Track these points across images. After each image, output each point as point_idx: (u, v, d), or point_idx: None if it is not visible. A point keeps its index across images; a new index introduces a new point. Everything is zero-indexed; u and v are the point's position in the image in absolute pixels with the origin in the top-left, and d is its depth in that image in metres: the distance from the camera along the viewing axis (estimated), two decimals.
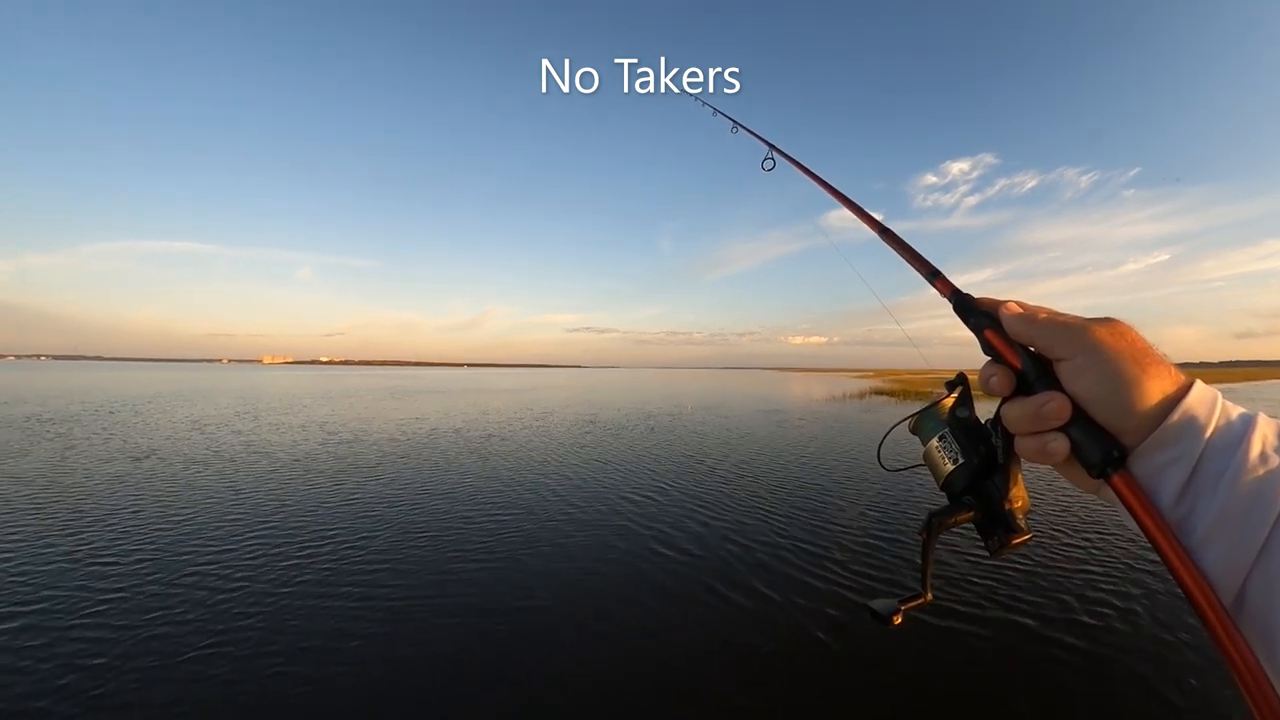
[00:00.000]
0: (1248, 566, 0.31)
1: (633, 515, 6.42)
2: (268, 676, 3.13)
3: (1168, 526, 0.33)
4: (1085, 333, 0.36)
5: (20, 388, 30.44)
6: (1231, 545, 0.32)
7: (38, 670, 3.15)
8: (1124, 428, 0.35)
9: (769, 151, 1.20)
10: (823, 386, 45.14)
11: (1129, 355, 0.35)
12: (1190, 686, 3.09)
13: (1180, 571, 0.32)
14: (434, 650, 3.47)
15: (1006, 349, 0.40)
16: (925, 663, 3.33)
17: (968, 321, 0.45)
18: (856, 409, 22.61)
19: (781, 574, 4.64)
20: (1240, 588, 0.32)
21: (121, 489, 7.40)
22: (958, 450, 0.48)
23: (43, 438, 11.83)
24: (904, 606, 0.48)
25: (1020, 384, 0.39)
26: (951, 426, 0.49)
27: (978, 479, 0.46)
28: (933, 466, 0.51)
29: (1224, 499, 0.32)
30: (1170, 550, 0.32)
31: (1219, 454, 0.33)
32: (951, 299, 0.48)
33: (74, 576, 4.41)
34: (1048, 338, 0.38)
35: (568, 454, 10.79)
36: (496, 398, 28.88)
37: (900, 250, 0.60)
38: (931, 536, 0.48)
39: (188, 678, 3.11)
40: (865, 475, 8.66)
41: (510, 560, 4.96)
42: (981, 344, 0.43)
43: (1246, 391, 35.36)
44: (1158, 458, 0.35)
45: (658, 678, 3.25)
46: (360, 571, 4.64)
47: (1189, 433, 0.34)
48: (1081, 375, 0.36)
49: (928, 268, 0.55)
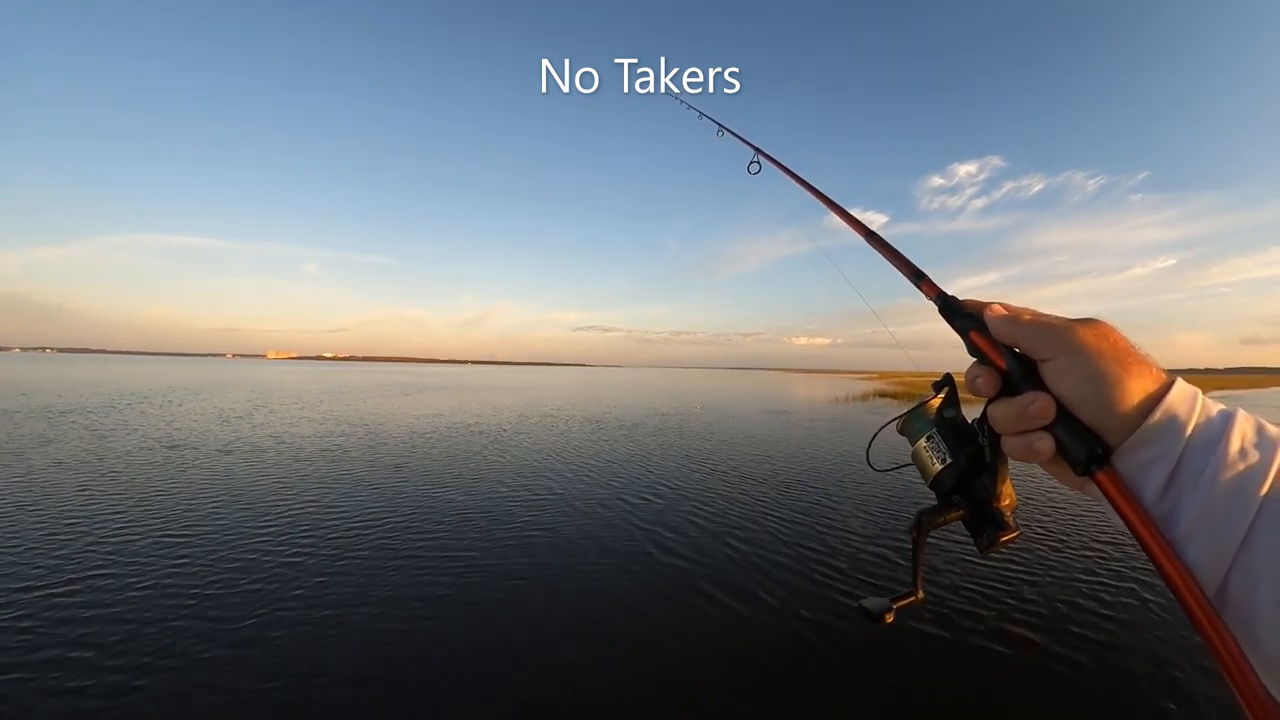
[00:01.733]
0: (1229, 559, 0.32)
1: (646, 513, 6.46)
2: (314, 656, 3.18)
3: (1152, 522, 0.34)
4: (1068, 334, 0.37)
5: (42, 381, 30.67)
6: (1213, 539, 0.32)
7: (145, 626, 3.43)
8: (1107, 426, 0.36)
9: (754, 155, 1.20)
10: (828, 388, 45.12)
11: (1111, 355, 0.36)
12: (1177, 678, 3.12)
13: (1165, 565, 0.33)
14: (459, 645, 3.51)
15: (992, 350, 0.41)
16: (918, 663, 3.33)
17: (953, 323, 0.46)
18: (861, 410, 22.65)
19: (787, 574, 4.65)
20: (1223, 580, 0.32)
21: (167, 474, 7.78)
22: (945, 450, 0.48)
23: (81, 428, 12.20)
24: (896, 605, 0.49)
25: (1006, 384, 0.40)
26: (939, 427, 0.50)
27: (965, 478, 0.47)
28: (921, 466, 0.51)
29: (1205, 494, 0.33)
30: (1154, 545, 0.33)
31: (1200, 451, 0.34)
32: (937, 301, 0.49)
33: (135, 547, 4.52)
34: (1032, 339, 0.39)
35: (580, 452, 10.87)
36: (505, 395, 29.11)
37: (886, 253, 0.61)
38: (921, 535, 0.49)
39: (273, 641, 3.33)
40: (860, 476, 8.66)
41: (524, 553, 5.01)
42: (967, 345, 0.44)
43: (1253, 399, 34.58)
44: (1141, 455, 0.35)
45: (665, 680, 3.25)
46: (405, 554, 4.74)
47: (1170, 430, 0.34)
48: (1065, 375, 0.37)
49: (912, 270, 0.55)
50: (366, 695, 2.99)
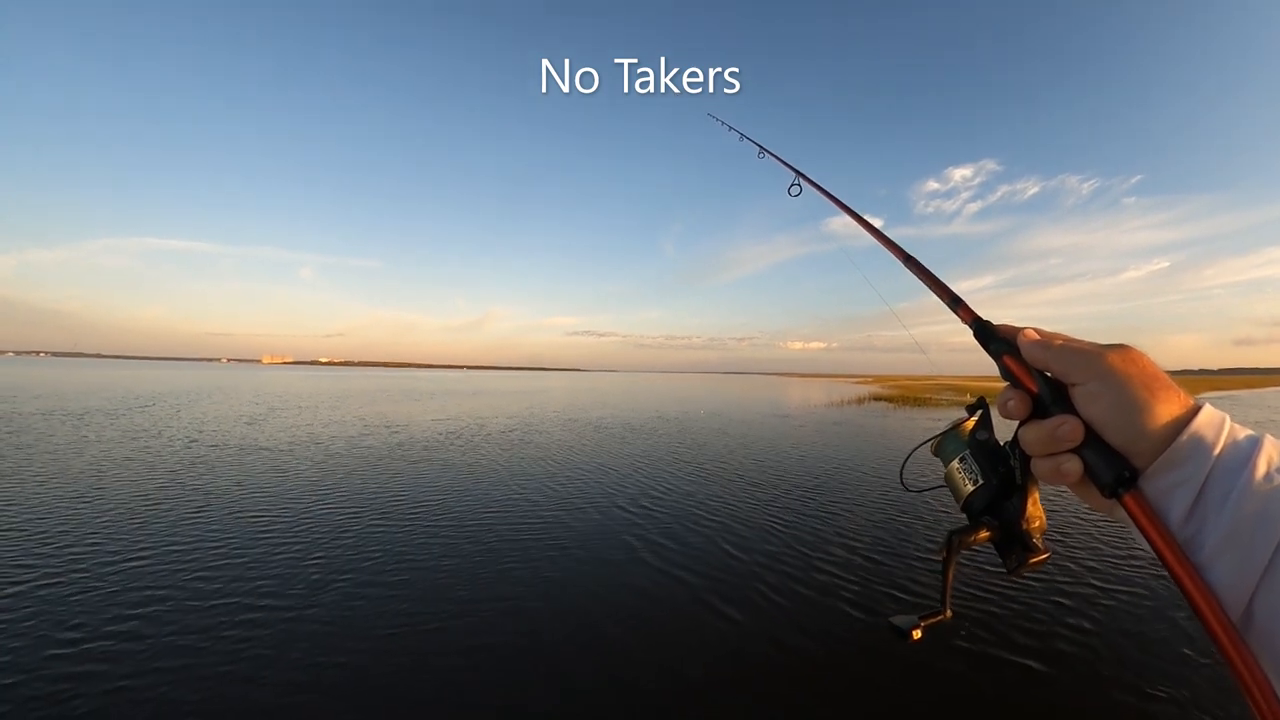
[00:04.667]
0: (1254, 583, 0.32)
1: (659, 517, 6.43)
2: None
3: (1177, 545, 0.34)
4: (1098, 359, 0.38)
5: (59, 386, 30.43)
6: (1238, 562, 0.32)
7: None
8: (1135, 450, 0.36)
9: (795, 178, 1.20)
10: (825, 393, 44.66)
11: (1140, 380, 0.37)
12: (1199, 699, 3.05)
13: (1189, 588, 0.33)
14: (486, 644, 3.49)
15: (1024, 374, 0.42)
16: (943, 681, 3.26)
17: (987, 347, 0.47)
18: (861, 414, 22.52)
19: (807, 586, 4.61)
20: (1247, 604, 0.33)
21: (193, 473, 8.20)
22: (978, 471, 0.49)
23: (117, 430, 12.63)
24: (924, 622, 0.50)
25: (1037, 408, 0.41)
26: (972, 448, 0.50)
27: (997, 499, 0.47)
28: (954, 487, 0.52)
29: (1230, 518, 0.33)
30: (1179, 567, 0.33)
31: (1226, 475, 0.34)
32: (972, 326, 0.50)
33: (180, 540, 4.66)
34: (1063, 363, 0.40)
35: (580, 456, 10.84)
36: (505, 400, 28.93)
37: (924, 278, 0.63)
38: (951, 555, 0.50)
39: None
40: (884, 484, 8.56)
41: (544, 560, 5.02)
42: (1000, 369, 0.44)
43: (1247, 399, 34.63)
44: (1167, 478, 0.36)
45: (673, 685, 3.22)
46: (408, 561, 4.78)
47: (1197, 454, 0.35)
48: (1094, 400, 0.38)
49: (950, 295, 0.57)
50: (359, 700, 2.97)
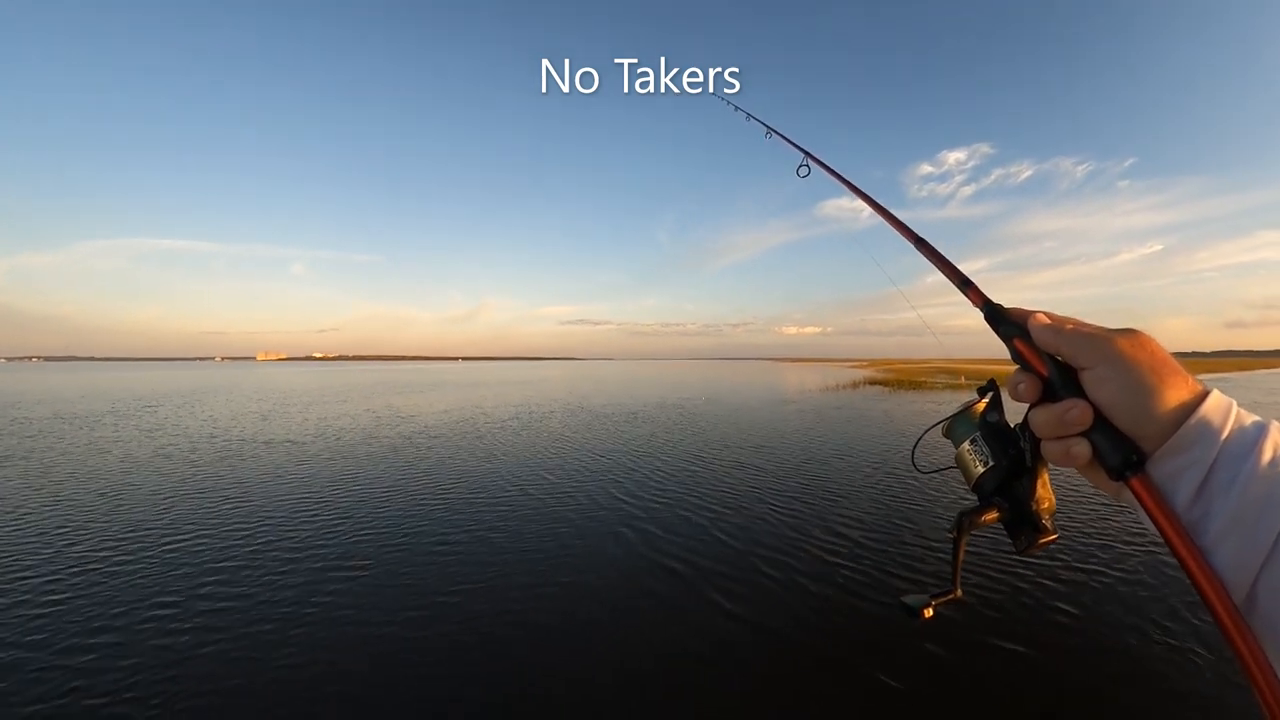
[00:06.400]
0: (1258, 566, 0.33)
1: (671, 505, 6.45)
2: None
3: (1182, 528, 0.35)
4: (1108, 343, 0.38)
5: (50, 390, 30.34)
6: (1242, 546, 0.33)
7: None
8: (1143, 434, 0.37)
9: (804, 159, 1.18)
10: (823, 377, 44.55)
11: (1148, 365, 0.37)
12: (1203, 681, 3.07)
13: (1194, 571, 0.34)
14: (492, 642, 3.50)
15: (1034, 357, 0.42)
16: (949, 663, 3.28)
17: (998, 330, 0.47)
18: (860, 398, 22.59)
19: (821, 564, 4.66)
20: (1251, 587, 0.33)
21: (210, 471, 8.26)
22: (988, 453, 0.50)
23: (138, 430, 12.63)
24: (935, 601, 0.50)
25: (1047, 391, 0.41)
26: (983, 430, 0.51)
27: (1007, 481, 0.48)
28: (964, 468, 0.52)
29: (1236, 502, 0.34)
30: (1184, 550, 0.34)
31: (1232, 460, 0.35)
32: (983, 308, 0.50)
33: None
34: (1073, 347, 0.40)
35: (577, 443, 10.94)
36: (506, 390, 29.09)
37: (935, 260, 0.62)
38: (962, 535, 0.50)
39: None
40: (887, 472, 8.56)
41: (555, 545, 5.09)
42: (1011, 352, 0.45)
43: (1239, 380, 34.80)
44: (1174, 462, 0.36)
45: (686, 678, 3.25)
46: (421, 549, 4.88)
47: (1204, 439, 0.35)
48: (1103, 384, 0.38)
49: (960, 277, 0.56)
50: (357, 697, 2.98)
